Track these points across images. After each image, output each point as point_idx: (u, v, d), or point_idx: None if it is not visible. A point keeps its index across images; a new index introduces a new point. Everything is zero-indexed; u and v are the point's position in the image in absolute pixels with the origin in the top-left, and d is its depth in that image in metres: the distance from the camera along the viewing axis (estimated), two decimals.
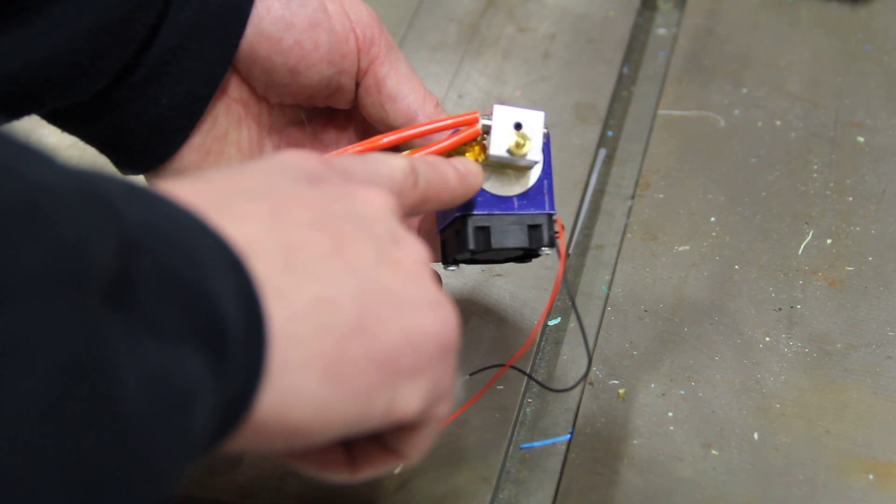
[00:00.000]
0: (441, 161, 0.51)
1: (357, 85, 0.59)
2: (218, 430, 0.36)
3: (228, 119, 0.59)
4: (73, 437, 0.30)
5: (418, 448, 0.45)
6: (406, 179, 0.48)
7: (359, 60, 0.58)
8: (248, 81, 0.59)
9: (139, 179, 0.62)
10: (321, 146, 0.62)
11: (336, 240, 0.40)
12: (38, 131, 0.61)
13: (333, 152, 0.57)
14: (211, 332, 0.35)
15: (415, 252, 0.43)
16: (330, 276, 0.39)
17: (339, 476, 0.45)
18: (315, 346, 0.38)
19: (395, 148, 0.57)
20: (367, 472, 0.46)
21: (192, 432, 0.34)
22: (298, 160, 0.44)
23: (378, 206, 0.44)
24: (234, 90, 0.59)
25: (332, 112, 0.62)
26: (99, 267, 0.32)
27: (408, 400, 0.41)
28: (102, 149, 0.60)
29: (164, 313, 0.34)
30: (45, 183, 0.31)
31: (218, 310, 0.35)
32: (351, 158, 0.47)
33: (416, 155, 0.52)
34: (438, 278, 0.61)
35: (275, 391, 0.37)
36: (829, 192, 0.74)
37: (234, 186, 0.41)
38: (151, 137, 0.58)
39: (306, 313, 0.38)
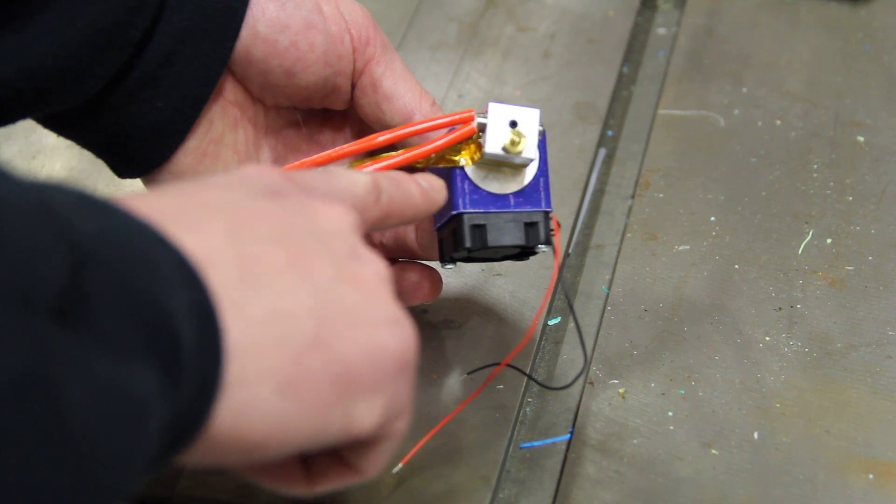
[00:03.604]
0: (404, 177, 0.51)
1: (353, 85, 0.59)
2: (171, 444, 0.36)
3: (224, 121, 0.59)
4: (19, 452, 0.30)
5: (376, 464, 0.45)
6: (368, 195, 0.48)
7: (354, 61, 0.58)
8: (243, 84, 0.59)
9: (136, 183, 0.62)
10: (318, 147, 0.62)
11: (293, 254, 0.40)
12: (37, 131, 0.61)
13: (297, 163, 0.57)
14: (164, 345, 0.34)
15: (374, 267, 0.43)
16: (287, 289, 0.39)
17: (296, 490, 0.45)
18: (271, 360, 0.38)
19: (392, 146, 0.57)
20: (325, 487, 0.46)
21: (143, 447, 0.34)
22: (258, 174, 0.44)
23: (338, 221, 0.44)
24: (230, 92, 0.59)
25: (328, 113, 0.62)
26: (49, 282, 0.32)
27: (364, 415, 0.41)
28: (98, 153, 0.60)
29: (116, 327, 0.34)
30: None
31: (171, 323, 0.34)
32: (312, 173, 0.47)
33: (379, 171, 0.52)
34: (439, 279, 0.61)
35: (230, 404, 0.37)
36: (829, 192, 0.74)
37: (191, 200, 0.40)
38: (147, 141, 0.58)
39: (263, 326, 0.38)
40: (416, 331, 0.44)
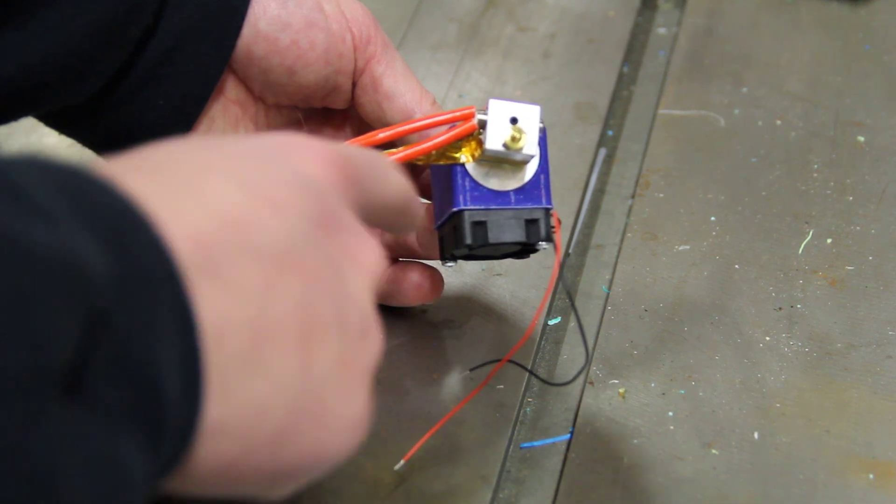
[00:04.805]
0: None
1: (354, 84, 0.59)
2: None
3: (225, 120, 0.59)
4: None
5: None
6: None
7: (355, 59, 0.58)
8: (244, 82, 0.59)
9: None
10: None
11: (307, 328, 0.38)
12: (38, 130, 0.61)
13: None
14: (152, 421, 0.34)
15: (372, 352, 0.42)
16: (280, 378, 0.37)
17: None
18: (227, 452, 0.37)
19: (392, 143, 0.57)
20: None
21: None
22: (313, 175, 0.41)
23: (367, 275, 0.42)
24: (231, 91, 0.59)
25: (328, 112, 0.62)
26: (57, 361, 0.31)
27: (277, 494, 0.41)
28: (99, 151, 0.60)
29: (111, 396, 0.33)
30: (35, 252, 0.31)
31: (161, 401, 0.34)
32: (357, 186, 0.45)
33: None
34: (440, 279, 0.61)
35: (182, 481, 0.37)
36: (829, 192, 0.74)
37: (245, 228, 0.37)
38: (148, 139, 0.58)
39: (238, 417, 0.37)
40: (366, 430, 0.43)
